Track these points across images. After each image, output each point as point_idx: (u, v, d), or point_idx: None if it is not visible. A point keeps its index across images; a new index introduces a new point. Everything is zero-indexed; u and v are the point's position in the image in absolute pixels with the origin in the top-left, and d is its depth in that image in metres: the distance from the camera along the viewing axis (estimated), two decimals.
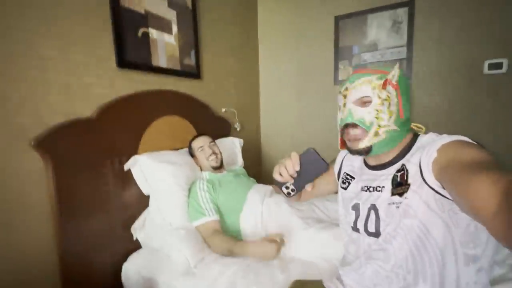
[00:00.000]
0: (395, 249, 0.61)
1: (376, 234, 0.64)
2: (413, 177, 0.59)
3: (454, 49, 1.68)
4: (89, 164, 1.03)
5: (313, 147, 0.63)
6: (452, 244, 0.56)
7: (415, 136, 0.67)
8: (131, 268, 1.09)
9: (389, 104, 0.63)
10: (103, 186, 1.09)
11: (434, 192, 0.56)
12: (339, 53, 2.04)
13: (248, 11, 2.17)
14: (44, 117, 0.92)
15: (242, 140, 1.74)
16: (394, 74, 0.64)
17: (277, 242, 0.99)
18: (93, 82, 1.07)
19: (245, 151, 1.80)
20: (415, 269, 0.59)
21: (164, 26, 1.37)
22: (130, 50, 1.21)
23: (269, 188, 1.34)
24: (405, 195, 0.60)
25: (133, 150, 1.20)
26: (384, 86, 0.62)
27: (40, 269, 0.91)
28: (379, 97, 0.62)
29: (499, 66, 1.56)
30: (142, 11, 1.26)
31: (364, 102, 0.64)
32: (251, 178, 1.52)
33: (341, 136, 0.72)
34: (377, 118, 0.63)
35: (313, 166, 0.61)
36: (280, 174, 0.63)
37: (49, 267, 0.94)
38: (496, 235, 0.39)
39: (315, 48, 2.12)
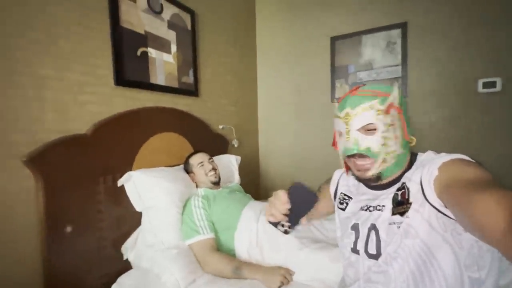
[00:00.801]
0: (396, 272, 0.58)
1: (377, 256, 0.62)
2: (414, 196, 0.58)
3: (448, 68, 1.72)
4: (81, 181, 1.02)
5: (315, 193, 0.61)
6: (457, 267, 0.54)
7: (414, 154, 0.67)
8: None
9: (394, 129, 0.62)
10: (95, 204, 1.07)
11: (436, 211, 0.55)
12: (336, 72, 2.08)
13: (246, 32, 2.24)
14: (38, 134, 0.92)
15: (239, 157, 1.73)
16: (396, 96, 0.62)
17: (287, 276, 0.97)
18: (89, 100, 1.09)
19: (242, 168, 1.78)
20: None
21: (163, 46, 1.42)
22: (129, 69, 1.23)
23: (264, 204, 1.31)
24: (406, 214, 0.58)
25: (128, 167, 1.19)
26: (388, 111, 0.61)
27: (24, 286, 0.88)
28: (384, 124, 0.61)
29: (493, 84, 1.58)
30: (142, 32, 1.30)
31: (368, 130, 0.62)
32: (247, 194, 1.50)
33: (346, 163, 0.71)
34: (384, 145, 0.61)
35: (303, 199, 0.60)
36: (271, 215, 0.61)
37: (35, 285, 0.90)
38: (508, 254, 0.38)
39: (312, 68, 2.17)
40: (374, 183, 0.67)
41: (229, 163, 1.67)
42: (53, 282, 0.92)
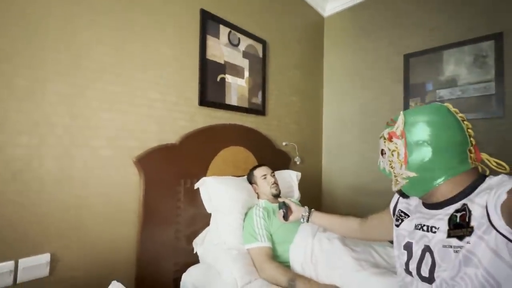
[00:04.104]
0: None
1: (430, 280, 0.58)
2: (477, 220, 0.53)
3: None
4: (168, 181, 1.27)
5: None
6: None
7: (483, 176, 0.61)
8: (188, 280, 1.21)
9: (398, 154, 0.66)
10: (176, 202, 1.30)
11: (507, 240, 0.49)
12: (410, 90, 1.95)
13: (313, 55, 2.35)
14: (145, 142, 1.22)
15: (299, 173, 1.78)
16: (399, 125, 0.66)
17: None
18: (179, 116, 1.36)
19: (303, 185, 1.82)
20: None
21: (238, 72, 1.65)
22: (210, 92, 1.49)
23: None
24: (467, 239, 0.54)
25: (203, 173, 1.41)
26: (389, 139, 0.68)
27: (122, 260, 1.13)
28: (389, 149, 0.68)
29: None
30: (222, 62, 1.56)
31: (382, 154, 0.72)
32: None
33: None
34: (391, 167, 0.69)
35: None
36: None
37: (129, 261, 1.15)
38: None
39: (382, 87, 2.09)
40: (404, 197, 0.74)
41: (289, 178, 1.74)
42: (143, 260, 1.16)
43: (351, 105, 2.26)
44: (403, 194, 0.72)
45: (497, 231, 0.50)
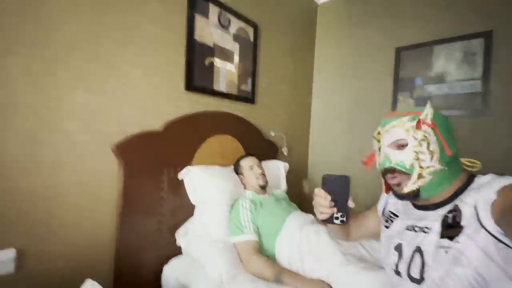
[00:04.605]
0: None
1: (420, 281, 0.58)
2: (467, 220, 0.53)
3: None
4: (150, 170, 1.19)
5: (345, 175, 0.64)
6: None
7: (472, 176, 0.61)
8: (170, 273, 1.17)
9: (428, 143, 0.60)
10: (159, 191, 1.23)
11: (496, 240, 0.49)
12: (399, 84, 1.95)
13: (305, 44, 2.28)
14: (124, 127, 1.12)
15: (287, 165, 1.75)
16: (427, 113, 0.61)
17: None
18: (164, 101, 1.27)
19: (290, 176, 1.80)
20: None
21: (228, 56, 1.56)
22: (197, 76, 1.40)
23: (310, 217, 1.30)
24: (456, 238, 0.53)
25: (188, 162, 1.34)
26: (418, 126, 0.60)
27: (100, 254, 1.06)
28: (415, 138, 0.60)
29: None
30: (211, 44, 1.46)
31: (400, 145, 0.63)
32: (292, 204, 1.51)
33: (385, 180, 0.69)
34: (417, 159, 0.60)
35: (339, 186, 0.63)
36: (321, 213, 0.64)
37: (107, 255, 1.08)
38: None
39: (372, 80, 2.07)
40: (415, 201, 0.65)
41: (277, 169, 1.71)
42: (122, 253, 1.10)
43: (341, 97, 2.23)
44: (401, 196, 0.64)
45: (486, 230, 0.50)
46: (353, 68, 2.17)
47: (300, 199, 2.24)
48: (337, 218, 0.64)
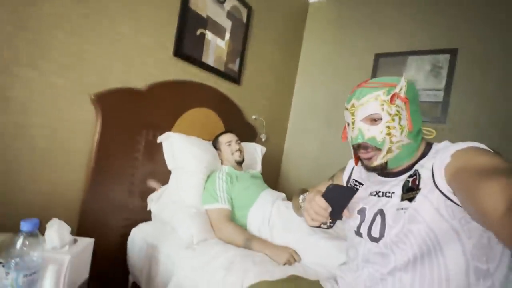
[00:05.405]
0: (396, 255, 0.59)
1: (379, 239, 0.63)
2: (424, 182, 0.58)
3: (495, 102, 1.66)
4: (129, 128, 1.15)
5: (354, 188, 0.65)
6: (462, 256, 0.53)
7: (429, 144, 0.67)
8: (138, 234, 1.15)
9: (399, 118, 0.62)
10: (134, 152, 1.19)
11: (445, 198, 0.54)
12: None
13: (294, 37, 2.36)
14: (107, 80, 1.08)
15: (264, 148, 1.80)
16: (402, 86, 0.62)
17: (294, 256, 1.01)
18: (150, 62, 1.24)
19: (265, 161, 1.85)
20: (415, 273, 0.57)
21: (219, 31, 1.56)
22: (187, 44, 1.38)
23: (282, 195, 1.36)
24: (414, 199, 0.58)
25: (168, 128, 1.32)
26: (392, 101, 0.61)
27: (62, 207, 1.00)
28: (389, 114, 0.61)
29: None
30: (204, 16, 1.45)
31: (373, 120, 0.64)
32: (265, 184, 1.55)
33: (355, 153, 0.73)
34: (388, 134, 0.62)
35: (342, 196, 0.63)
36: (313, 220, 0.63)
37: (71, 211, 1.03)
38: (501, 236, 0.39)
39: (351, 82, 2.20)
40: (381, 172, 0.68)
41: (254, 152, 1.74)
42: (88, 210, 1.05)
43: (321, 94, 2.34)
44: (371, 168, 0.67)
45: (440, 190, 0.55)
46: (334, 68, 2.29)
47: (273, 185, 2.30)
48: (325, 223, 0.64)
